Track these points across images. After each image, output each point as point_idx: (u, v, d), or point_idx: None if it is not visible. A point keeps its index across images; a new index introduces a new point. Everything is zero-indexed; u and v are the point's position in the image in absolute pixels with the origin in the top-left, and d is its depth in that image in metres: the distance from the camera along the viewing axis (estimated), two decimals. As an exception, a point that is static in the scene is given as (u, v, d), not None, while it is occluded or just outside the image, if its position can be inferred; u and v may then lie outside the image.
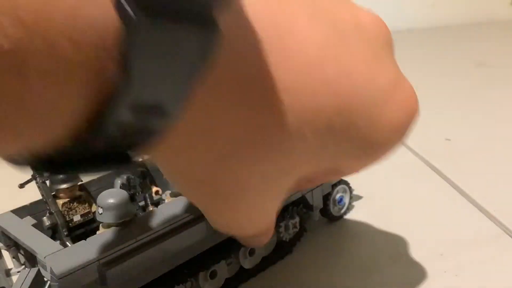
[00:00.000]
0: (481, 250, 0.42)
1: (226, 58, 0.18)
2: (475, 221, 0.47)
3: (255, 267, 0.40)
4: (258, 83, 0.20)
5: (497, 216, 0.46)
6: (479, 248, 0.42)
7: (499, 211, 0.47)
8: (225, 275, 0.37)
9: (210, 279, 0.36)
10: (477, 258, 0.41)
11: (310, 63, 0.21)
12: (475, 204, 0.49)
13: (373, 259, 0.42)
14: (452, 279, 0.39)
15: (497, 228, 0.45)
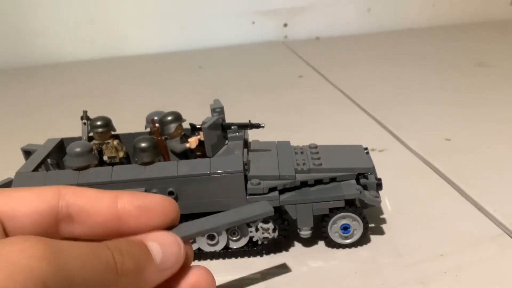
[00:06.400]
0: (481, 250, 0.42)
1: None
2: (475, 221, 0.47)
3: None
4: None
5: (497, 216, 0.46)
6: (479, 248, 0.42)
7: (499, 211, 0.47)
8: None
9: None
10: (477, 258, 0.41)
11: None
12: (475, 204, 0.49)
13: (373, 259, 0.42)
14: (452, 279, 0.39)
15: (497, 228, 0.45)
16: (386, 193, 0.48)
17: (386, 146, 0.65)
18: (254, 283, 0.41)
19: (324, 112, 0.80)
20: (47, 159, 0.46)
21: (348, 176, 0.44)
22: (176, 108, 0.48)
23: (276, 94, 0.92)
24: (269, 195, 0.41)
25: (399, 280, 0.39)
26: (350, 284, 0.39)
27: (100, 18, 1.32)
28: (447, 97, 0.83)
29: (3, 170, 0.46)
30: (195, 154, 0.47)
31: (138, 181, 0.40)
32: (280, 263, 0.43)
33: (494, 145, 0.62)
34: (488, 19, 1.43)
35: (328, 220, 0.43)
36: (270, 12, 1.38)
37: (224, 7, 1.35)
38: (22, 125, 0.87)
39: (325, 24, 1.40)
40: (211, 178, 0.41)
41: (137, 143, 0.42)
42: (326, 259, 0.43)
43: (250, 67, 1.16)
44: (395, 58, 1.12)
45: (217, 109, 0.46)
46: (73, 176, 0.41)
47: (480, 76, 0.93)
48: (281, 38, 1.41)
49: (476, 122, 0.71)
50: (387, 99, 0.84)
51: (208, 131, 0.43)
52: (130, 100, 0.97)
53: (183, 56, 1.31)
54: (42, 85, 1.15)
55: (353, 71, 1.04)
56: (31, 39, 1.32)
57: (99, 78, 1.17)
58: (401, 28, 1.41)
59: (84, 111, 0.49)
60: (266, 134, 0.50)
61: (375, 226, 0.46)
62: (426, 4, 1.42)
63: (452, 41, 1.24)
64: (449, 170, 0.56)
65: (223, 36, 1.37)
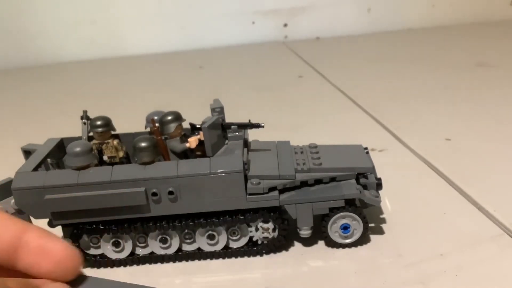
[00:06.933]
0: (481, 250, 0.42)
1: None
2: (475, 221, 0.47)
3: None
4: None
5: (497, 216, 0.46)
6: (479, 248, 0.42)
7: (499, 211, 0.47)
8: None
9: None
10: (477, 258, 0.41)
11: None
12: (475, 204, 0.49)
13: (373, 259, 0.42)
14: (452, 279, 0.39)
15: (497, 228, 0.45)
16: (386, 193, 0.48)
17: (386, 146, 0.65)
18: (254, 283, 0.41)
19: (324, 112, 0.80)
20: (47, 159, 0.46)
21: (348, 175, 0.44)
22: (176, 108, 0.48)
23: (276, 94, 0.92)
24: (269, 195, 0.41)
25: (399, 279, 0.39)
26: (350, 284, 0.39)
27: (100, 18, 1.32)
28: (447, 97, 0.83)
29: (3, 170, 0.46)
30: (195, 154, 0.47)
31: (138, 180, 0.40)
32: (280, 262, 0.43)
33: (494, 145, 0.62)
34: (488, 19, 1.43)
35: (328, 220, 0.43)
36: (270, 12, 1.38)
37: (224, 7, 1.35)
38: (22, 125, 0.87)
39: (325, 24, 1.40)
40: (211, 178, 0.41)
41: (137, 143, 0.42)
42: (326, 258, 0.43)
43: (250, 67, 1.16)
44: (395, 58, 1.12)
45: (217, 108, 0.46)
46: (73, 176, 0.41)
47: (480, 76, 0.93)
48: (281, 38, 1.41)
49: (476, 122, 0.71)
50: (387, 99, 0.84)
51: (208, 131, 0.43)
52: (130, 100, 0.97)
53: (183, 56, 1.31)
54: (42, 85, 1.15)
55: (353, 71, 1.04)
56: (31, 39, 1.32)
57: (99, 78, 1.17)
58: (401, 28, 1.41)
59: (84, 111, 0.49)
60: (266, 134, 0.50)
61: (375, 226, 0.46)
62: (426, 4, 1.42)
63: (452, 41, 1.24)
64: (449, 170, 0.56)
65: (223, 36, 1.37)
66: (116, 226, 0.42)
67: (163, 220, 0.43)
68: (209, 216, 0.42)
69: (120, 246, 0.44)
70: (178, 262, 0.44)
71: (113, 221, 0.42)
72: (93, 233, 0.43)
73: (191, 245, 0.44)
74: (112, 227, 0.42)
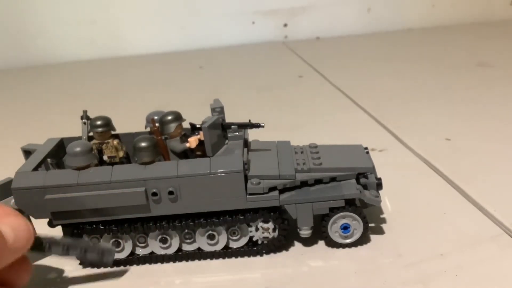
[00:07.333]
0: (481, 250, 0.42)
1: None
2: (475, 221, 0.47)
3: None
4: None
5: (497, 216, 0.46)
6: (479, 248, 0.42)
7: (499, 211, 0.47)
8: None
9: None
10: (477, 258, 0.41)
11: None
12: (475, 204, 0.49)
13: (373, 259, 0.42)
14: (452, 279, 0.39)
15: (497, 228, 0.45)
16: (386, 193, 0.48)
17: (386, 146, 0.65)
18: (254, 283, 0.41)
19: (324, 112, 0.80)
20: (47, 158, 0.46)
21: (348, 175, 0.44)
22: (176, 108, 0.48)
23: (276, 94, 0.92)
24: (269, 195, 0.41)
25: (399, 279, 0.39)
26: (350, 283, 0.39)
27: (100, 18, 1.33)
28: (447, 97, 0.83)
29: (3, 170, 0.46)
30: (195, 154, 0.47)
31: (138, 180, 0.40)
32: (280, 262, 0.43)
33: (494, 145, 0.62)
34: (488, 19, 1.43)
35: (328, 220, 0.43)
36: (270, 12, 1.38)
37: (224, 7, 1.35)
38: (22, 125, 0.87)
39: (325, 24, 1.40)
40: (211, 178, 0.41)
41: (137, 143, 0.42)
42: (326, 258, 0.43)
43: (250, 67, 1.16)
44: (395, 58, 1.12)
45: (217, 108, 0.46)
46: (73, 176, 0.41)
47: (480, 76, 0.93)
48: (281, 38, 1.41)
49: (476, 122, 0.71)
50: (387, 99, 0.84)
51: (208, 131, 0.43)
52: (130, 100, 0.97)
53: (183, 56, 1.31)
54: (42, 85, 1.15)
55: (353, 71, 1.04)
56: (31, 39, 1.32)
57: (99, 78, 1.17)
58: (401, 28, 1.41)
59: (84, 111, 0.49)
60: (266, 134, 0.50)
61: (375, 225, 0.46)
62: (426, 4, 1.42)
63: (452, 41, 1.24)
64: (449, 170, 0.56)
65: (223, 36, 1.37)
66: (116, 226, 0.42)
67: (163, 220, 0.43)
68: (209, 216, 0.42)
69: (120, 246, 0.44)
70: (178, 262, 0.44)
71: (113, 221, 0.42)
72: (93, 233, 0.43)
73: (191, 245, 0.44)
74: (112, 227, 0.42)
